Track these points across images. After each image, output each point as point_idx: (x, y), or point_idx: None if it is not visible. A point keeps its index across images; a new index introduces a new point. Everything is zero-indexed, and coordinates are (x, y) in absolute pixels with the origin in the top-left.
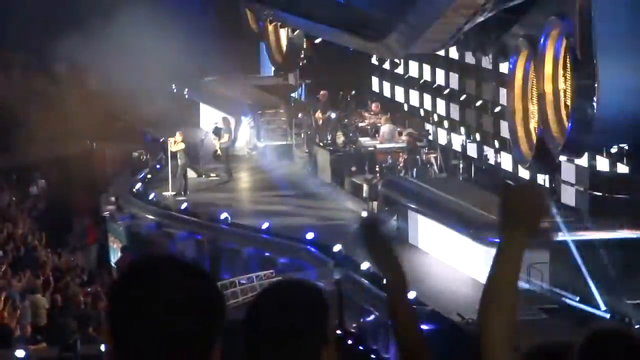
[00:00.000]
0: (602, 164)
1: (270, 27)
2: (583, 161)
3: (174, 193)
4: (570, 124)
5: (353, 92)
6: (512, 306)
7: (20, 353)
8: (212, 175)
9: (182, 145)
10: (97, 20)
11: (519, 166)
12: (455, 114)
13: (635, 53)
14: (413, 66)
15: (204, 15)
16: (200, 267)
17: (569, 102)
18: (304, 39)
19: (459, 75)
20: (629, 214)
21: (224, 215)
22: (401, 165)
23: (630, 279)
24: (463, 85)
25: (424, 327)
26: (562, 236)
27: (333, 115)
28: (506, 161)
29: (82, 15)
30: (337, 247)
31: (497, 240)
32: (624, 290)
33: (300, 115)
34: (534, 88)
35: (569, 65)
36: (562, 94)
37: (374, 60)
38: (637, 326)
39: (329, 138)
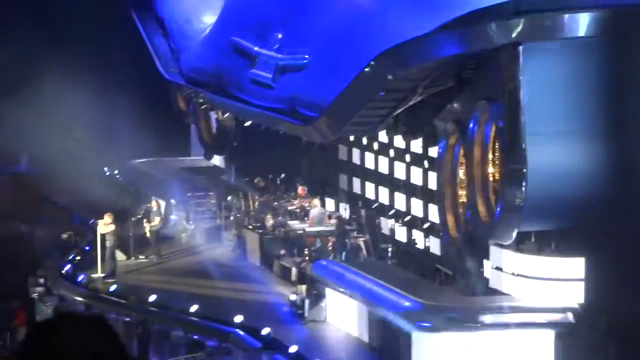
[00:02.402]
0: (530, 248)
1: (200, 110)
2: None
3: (103, 275)
4: (498, 209)
5: (283, 175)
6: None
7: None
8: (141, 257)
9: (111, 227)
10: (28, 101)
11: (448, 250)
12: (384, 197)
13: (563, 137)
14: (342, 150)
15: (134, 97)
16: (101, 322)
17: (497, 187)
18: (234, 122)
19: (389, 159)
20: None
21: (152, 298)
22: (330, 248)
23: None
24: (392, 169)
25: None
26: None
27: (262, 199)
28: (435, 245)
29: (13, 96)
30: (265, 331)
31: (426, 324)
32: None
33: (229, 197)
34: (463, 172)
35: (498, 149)
36: (491, 178)
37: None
38: None
39: (259, 221)
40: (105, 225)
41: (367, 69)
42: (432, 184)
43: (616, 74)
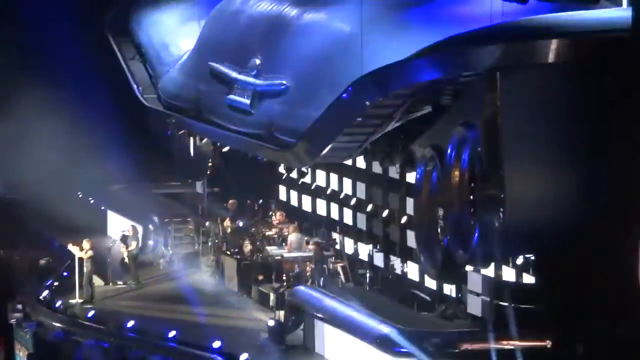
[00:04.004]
0: (508, 274)
1: (178, 135)
2: (489, 271)
3: (81, 301)
4: (477, 234)
5: (260, 200)
6: None
7: None
8: (119, 283)
9: (90, 253)
10: (3, 125)
11: (426, 276)
12: (362, 223)
13: (541, 163)
14: (320, 175)
15: (111, 122)
16: None
17: (476, 212)
18: (212, 147)
19: (366, 185)
20: (533, 324)
21: (131, 323)
22: (308, 274)
23: None
24: (370, 195)
25: None
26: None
27: (241, 224)
28: (413, 271)
29: None
30: (243, 356)
31: (403, 350)
32: None
33: (207, 223)
34: (441, 198)
35: (476, 175)
36: (469, 204)
37: (281, 169)
38: None
39: (237, 246)
40: (83, 251)
41: (344, 95)
42: (410, 210)
43: (594, 100)
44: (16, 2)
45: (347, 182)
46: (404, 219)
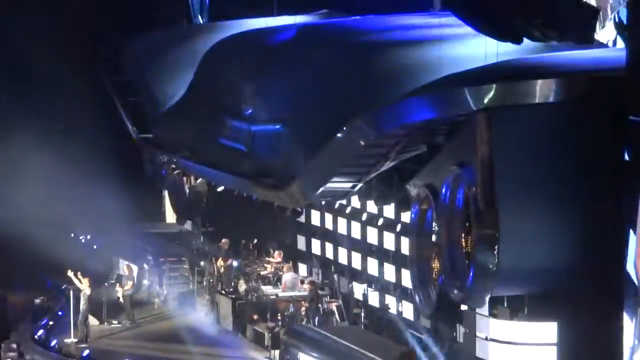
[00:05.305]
0: (503, 313)
1: (173, 175)
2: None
3: (76, 340)
4: (471, 274)
5: (255, 240)
6: None
7: None
8: (114, 322)
9: (88, 291)
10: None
11: (421, 315)
12: (357, 262)
13: (536, 203)
14: (315, 215)
15: (107, 162)
16: None
17: (470, 252)
18: (207, 187)
19: (362, 225)
20: None
21: None
22: (303, 313)
23: None
24: (365, 234)
25: None
26: None
27: (235, 263)
28: (408, 310)
29: None
30: None
31: None
32: None
33: (202, 262)
34: (435, 237)
35: (471, 214)
36: (463, 243)
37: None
38: None
39: (231, 286)
40: (82, 283)
41: (339, 135)
42: (405, 249)
43: (588, 140)
44: (10, 37)
45: (342, 222)
46: (399, 258)
